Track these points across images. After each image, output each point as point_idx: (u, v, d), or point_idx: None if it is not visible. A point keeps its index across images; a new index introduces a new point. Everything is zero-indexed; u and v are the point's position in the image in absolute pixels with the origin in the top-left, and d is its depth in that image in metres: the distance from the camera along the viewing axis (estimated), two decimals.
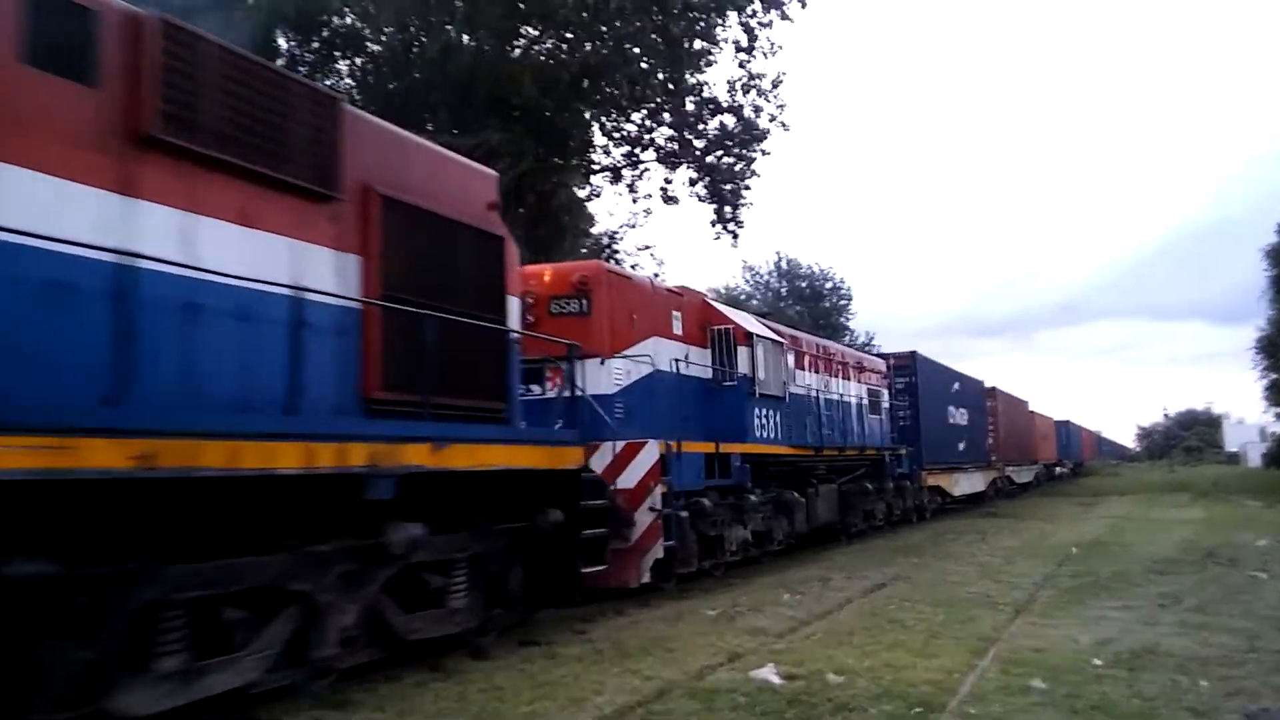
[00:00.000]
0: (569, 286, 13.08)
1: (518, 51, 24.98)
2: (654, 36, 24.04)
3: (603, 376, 12.78)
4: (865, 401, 20.76)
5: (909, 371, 26.32)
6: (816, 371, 18.54)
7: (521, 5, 24.12)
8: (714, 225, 28.47)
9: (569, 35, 24.63)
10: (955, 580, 13.96)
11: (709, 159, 27.82)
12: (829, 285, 68.58)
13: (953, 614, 10.93)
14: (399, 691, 7.76)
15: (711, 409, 14.91)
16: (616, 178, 29.55)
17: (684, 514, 13.22)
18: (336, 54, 24.78)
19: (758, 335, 16.23)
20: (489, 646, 9.14)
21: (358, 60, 25.06)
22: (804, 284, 68.00)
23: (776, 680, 7.69)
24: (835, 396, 19.10)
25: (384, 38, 24.04)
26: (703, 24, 25.60)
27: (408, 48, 23.71)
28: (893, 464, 22.08)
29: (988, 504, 34.99)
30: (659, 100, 26.70)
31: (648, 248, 47.51)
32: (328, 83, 25.24)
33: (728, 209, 28.18)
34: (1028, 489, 45.50)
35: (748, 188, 28.30)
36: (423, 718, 6.99)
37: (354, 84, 25.31)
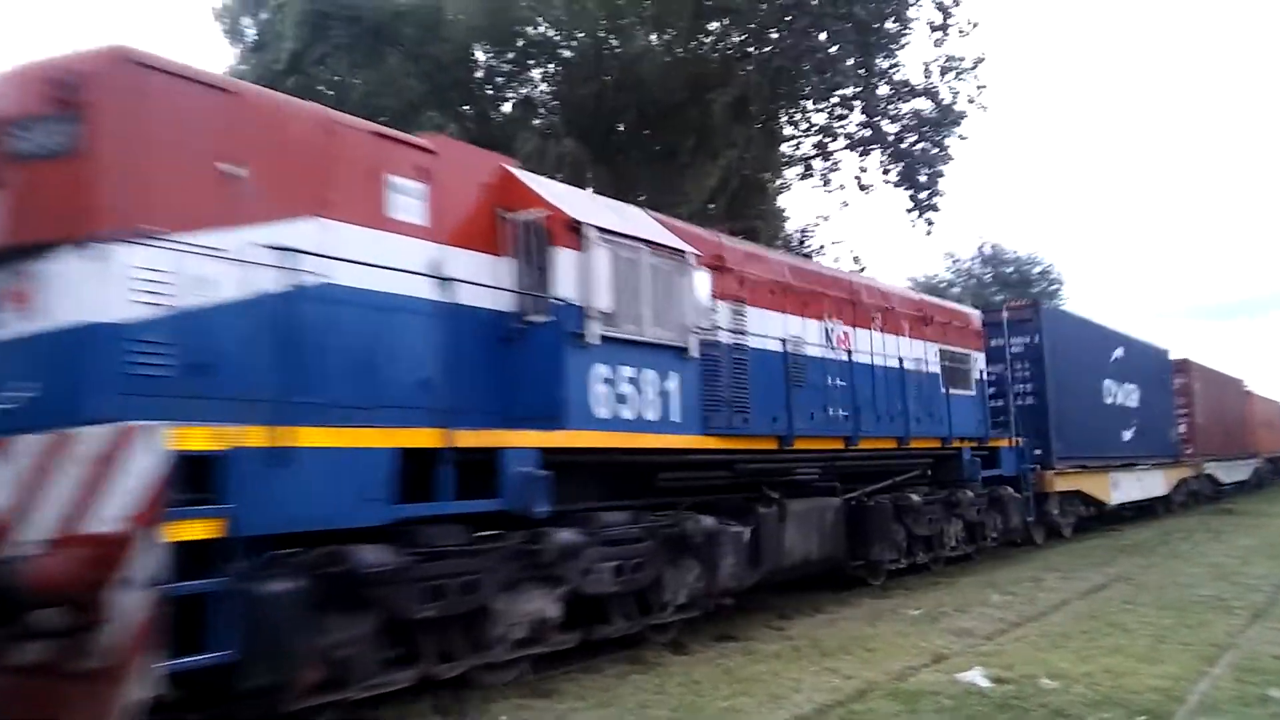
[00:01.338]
0: (40, 100, 6.07)
1: (703, 48, 25.01)
2: (842, 22, 23.53)
3: (103, 286, 5.80)
4: (931, 369, 14.57)
5: (1029, 330, 19.44)
6: (818, 317, 12.24)
7: (708, 1, 24.13)
8: (910, 213, 27.60)
9: (751, 26, 24.44)
10: (1185, 582, 12.98)
11: (902, 145, 26.99)
12: (1037, 270, 65.24)
13: (1181, 618, 10.17)
14: (599, 682, 7.97)
15: (499, 367, 8.11)
16: (807, 171, 29.14)
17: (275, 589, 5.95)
18: (530, 62, 25.56)
19: (599, 231, 8.61)
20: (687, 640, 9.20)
21: (550, 67, 25.76)
22: (1010, 270, 64.98)
23: (984, 683, 7.38)
24: (853, 357, 12.57)
25: (575, 44, 24.60)
26: (894, 4, 24.82)
27: (599, 52, 24.17)
28: (973, 463, 15.30)
29: (1224, 500, 31.03)
30: (850, 88, 26.11)
31: (839, 242, 46.77)
32: (523, 92, 26.13)
33: (923, 195, 27.25)
34: (1243, 489, 35.95)
35: (941, 174, 27.28)
36: (624, 709, 7.11)
37: (548, 91, 26.01)
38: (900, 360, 13.74)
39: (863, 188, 28.08)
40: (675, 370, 9.35)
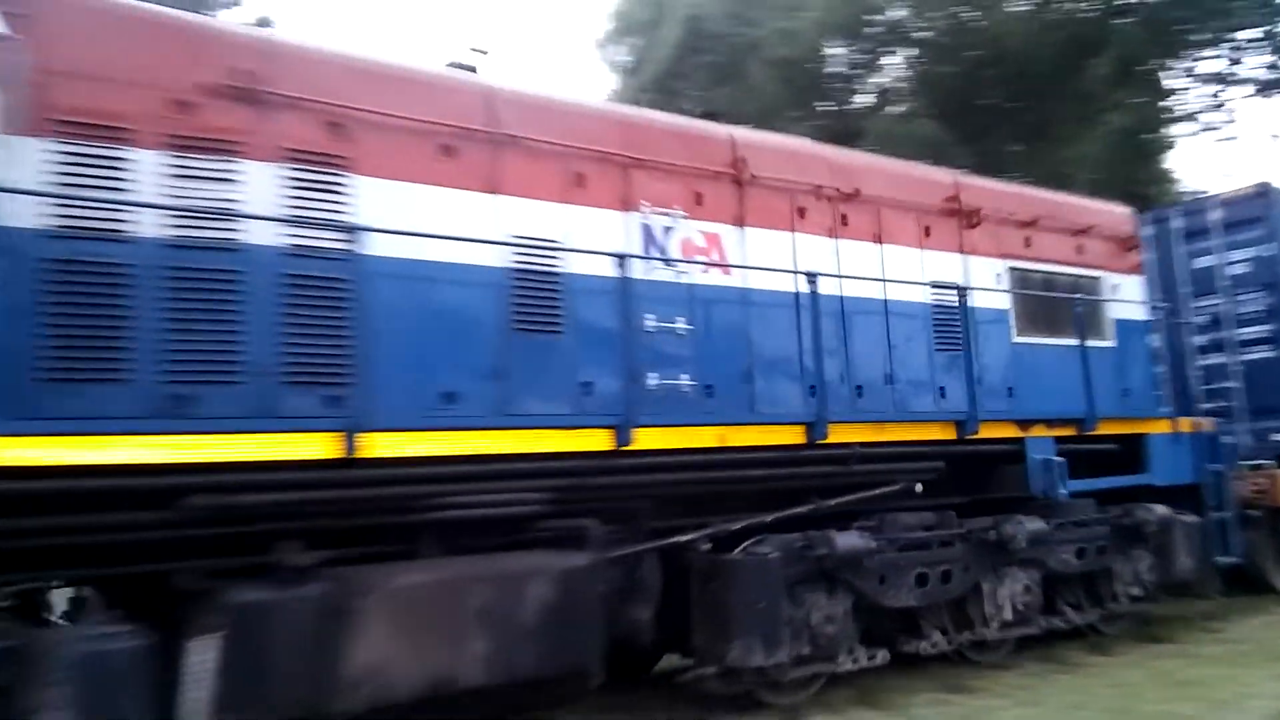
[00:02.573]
0: None
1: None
2: None
3: None
4: (980, 301, 8.79)
5: (1258, 232, 11.94)
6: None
7: None
8: None
9: None
10: None
11: None
12: None
13: None
14: (1017, 680, 7.73)
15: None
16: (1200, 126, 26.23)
17: None
18: (881, 50, 25.21)
19: None
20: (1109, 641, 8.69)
21: (904, 52, 25.21)
22: None
23: None
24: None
25: (931, 24, 23.91)
26: None
27: (958, 30, 23.31)
28: (1047, 467, 8.43)
29: None
30: (1249, 29, 23.19)
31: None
32: (875, 80, 25.84)
33: None
34: None
35: None
36: (1049, 709, 6.90)
37: (903, 77, 25.50)
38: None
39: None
40: None
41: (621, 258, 6.34)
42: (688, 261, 7.16)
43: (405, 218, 5.88)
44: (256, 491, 4.98)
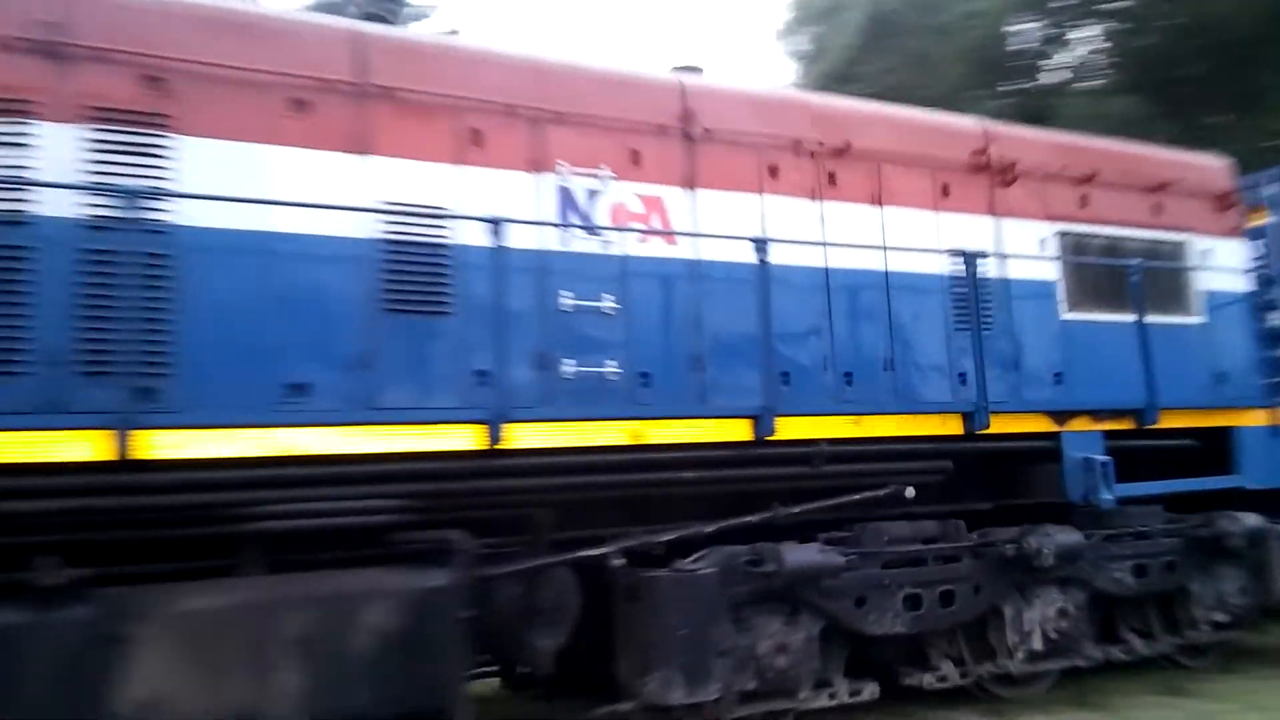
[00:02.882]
0: None
1: None
2: None
3: None
4: (1020, 274, 7.48)
5: None
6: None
7: None
8: None
9: None
10: None
11: None
12: None
13: None
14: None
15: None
16: None
17: None
18: (1070, 24, 23.57)
19: None
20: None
21: (1096, 25, 23.41)
22: None
23: None
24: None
25: None
26: None
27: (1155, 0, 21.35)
28: (1088, 466, 7.05)
29: None
30: None
31: None
32: (1059, 58, 24.10)
33: None
34: None
35: None
36: None
37: (1101, 49, 23.63)
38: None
39: None
40: None
41: (495, 223, 5.36)
42: (618, 229, 6.12)
43: (246, 183, 5.10)
44: (18, 498, 4.29)
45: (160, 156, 4.99)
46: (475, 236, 5.61)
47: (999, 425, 6.80)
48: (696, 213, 6.41)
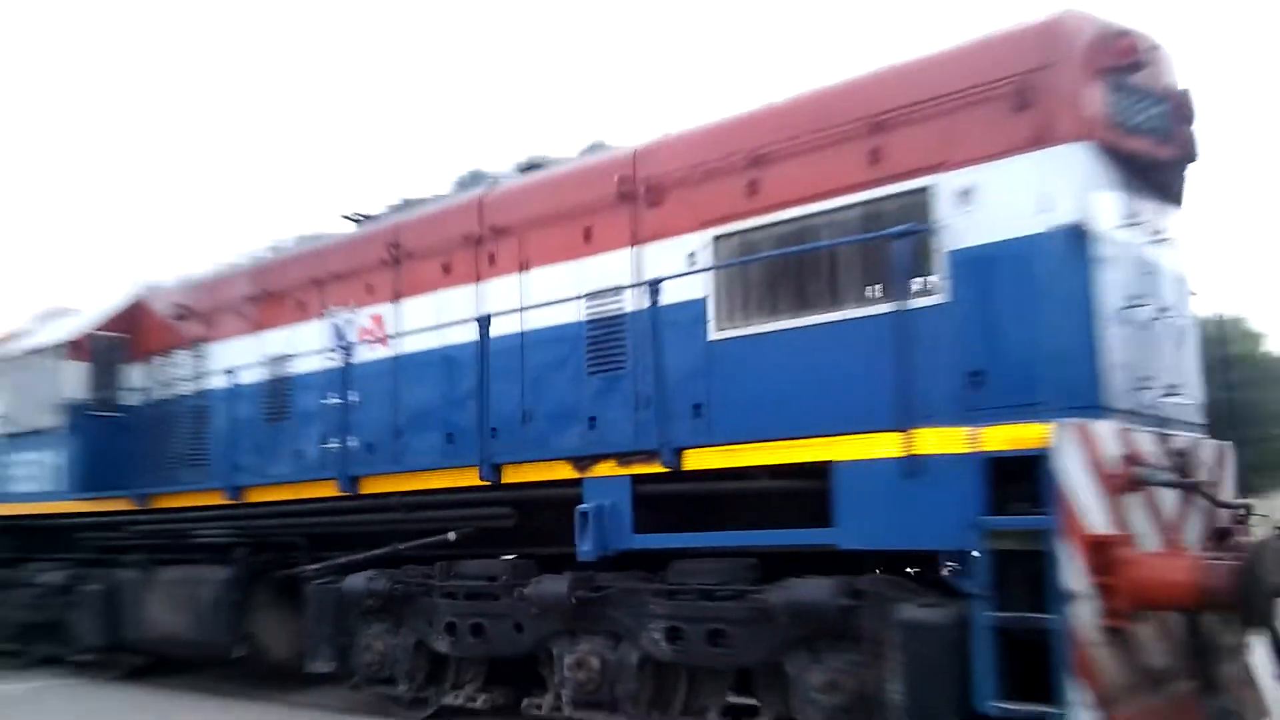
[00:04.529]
0: None
1: None
2: None
3: None
4: None
5: None
6: None
7: None
8: None
9: None
10: None
11: None
12: None
13: None
14: None
15: None
16: None
17: None
18: None
19: None
20: None
21: None
22: None
23: None
24: None
25: None
26: None
27: None
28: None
29: None
30: None
31: None
32: None
33: None
34: None
35: None
36: None
37: None
38: None
39: None
40: None
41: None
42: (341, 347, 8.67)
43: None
44: None
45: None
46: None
47: (533, 473, 7.02)
48: (400, 319, 8.64)
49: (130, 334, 11.39)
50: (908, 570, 5.84)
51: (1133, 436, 5.34)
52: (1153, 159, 5.89)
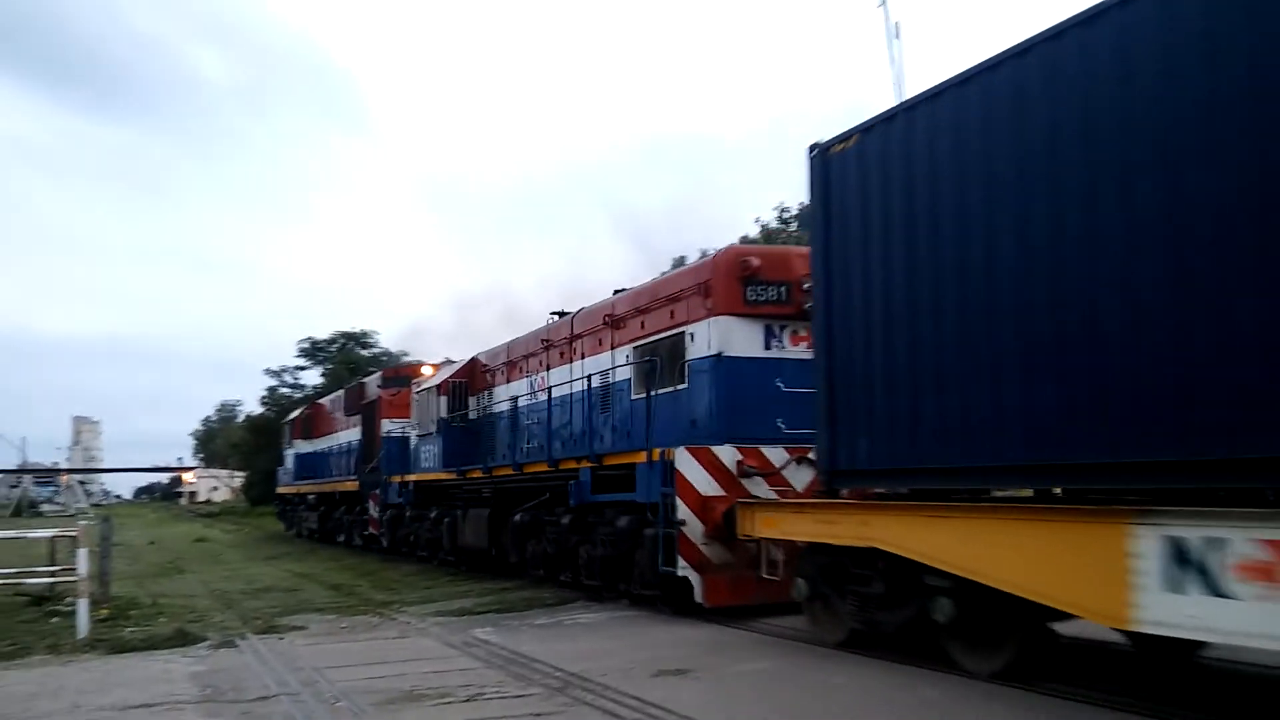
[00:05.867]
0: None
1: None
2: None
3: None
4: None
5: None
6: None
7: None
8: None
9: None
10: None
11: None
12: None
13: None
14: None
15: None
16: None
17: None
18: None
19: None
20: None
21: None
22: None
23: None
24: None
25: None
26: None
27: None
28: None
29: None
30: None
31: None
32: None
33: None
34: None
35: None
36: None
37: None
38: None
39: None
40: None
41: None
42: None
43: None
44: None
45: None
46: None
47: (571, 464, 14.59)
48: (548, 379, 16.66)
49: (468, 379, 20.33)
50: (647, 513, 12.24)
51: (750, 451, 11.55)
52: (776, 314, 11.94)
